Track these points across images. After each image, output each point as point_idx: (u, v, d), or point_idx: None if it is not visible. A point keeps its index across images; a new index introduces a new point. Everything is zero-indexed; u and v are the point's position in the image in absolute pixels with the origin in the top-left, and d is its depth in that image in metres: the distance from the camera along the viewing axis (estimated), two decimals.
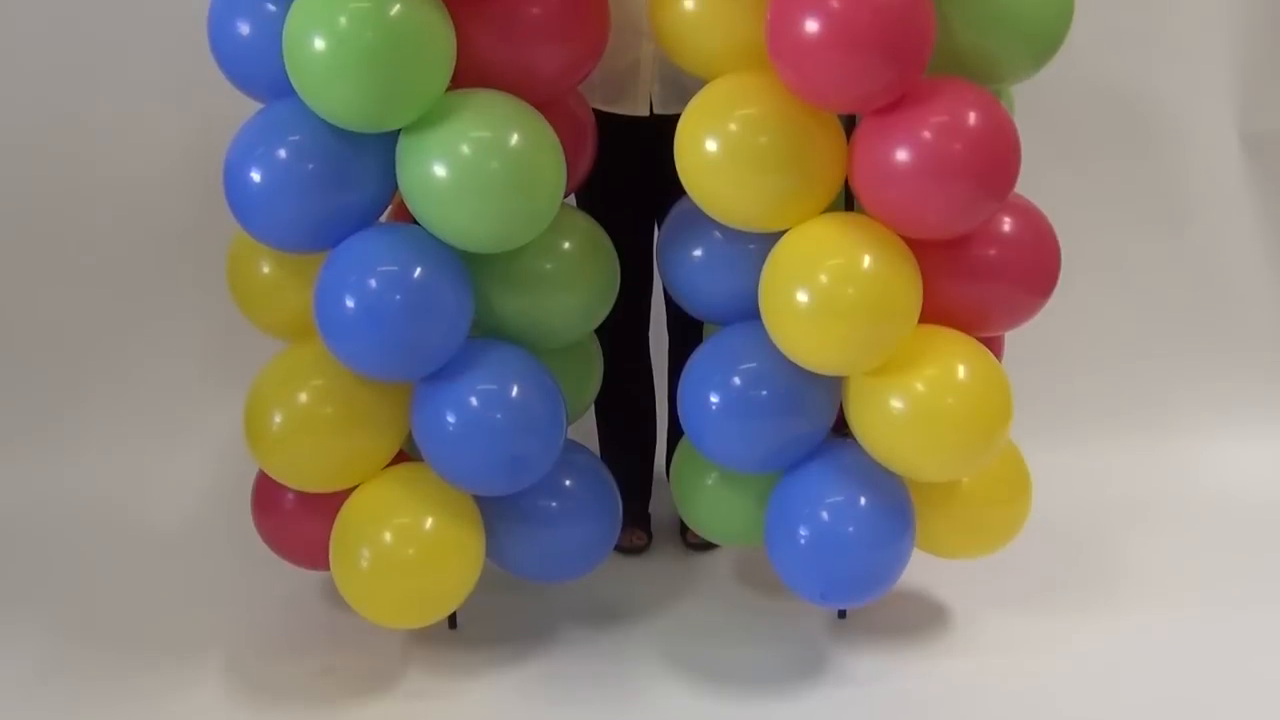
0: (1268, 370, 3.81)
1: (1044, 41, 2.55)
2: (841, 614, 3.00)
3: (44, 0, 3.60)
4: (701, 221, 2.63)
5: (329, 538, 2.72)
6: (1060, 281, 2.68)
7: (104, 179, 3.68)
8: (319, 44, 2.32)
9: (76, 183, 3.68)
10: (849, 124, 2.55)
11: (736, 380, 2.64)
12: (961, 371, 2.52)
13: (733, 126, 2.46)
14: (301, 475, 2.73)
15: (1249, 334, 3.85)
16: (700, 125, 2.49)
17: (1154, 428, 3.74)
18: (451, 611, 2.87)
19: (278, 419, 2.65)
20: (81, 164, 3.67)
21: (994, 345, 2.74)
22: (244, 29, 2.56)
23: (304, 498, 2.80)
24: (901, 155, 2.36)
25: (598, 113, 2.90)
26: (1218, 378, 3.80)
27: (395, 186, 2.55)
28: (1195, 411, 3.78)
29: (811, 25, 2.28)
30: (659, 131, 2.66)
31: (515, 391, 2.59)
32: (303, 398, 2.66)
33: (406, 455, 2.81)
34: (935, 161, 2.35)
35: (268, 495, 2.88)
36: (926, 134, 2.35)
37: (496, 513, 2.75)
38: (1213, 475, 3.60)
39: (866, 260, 2.43)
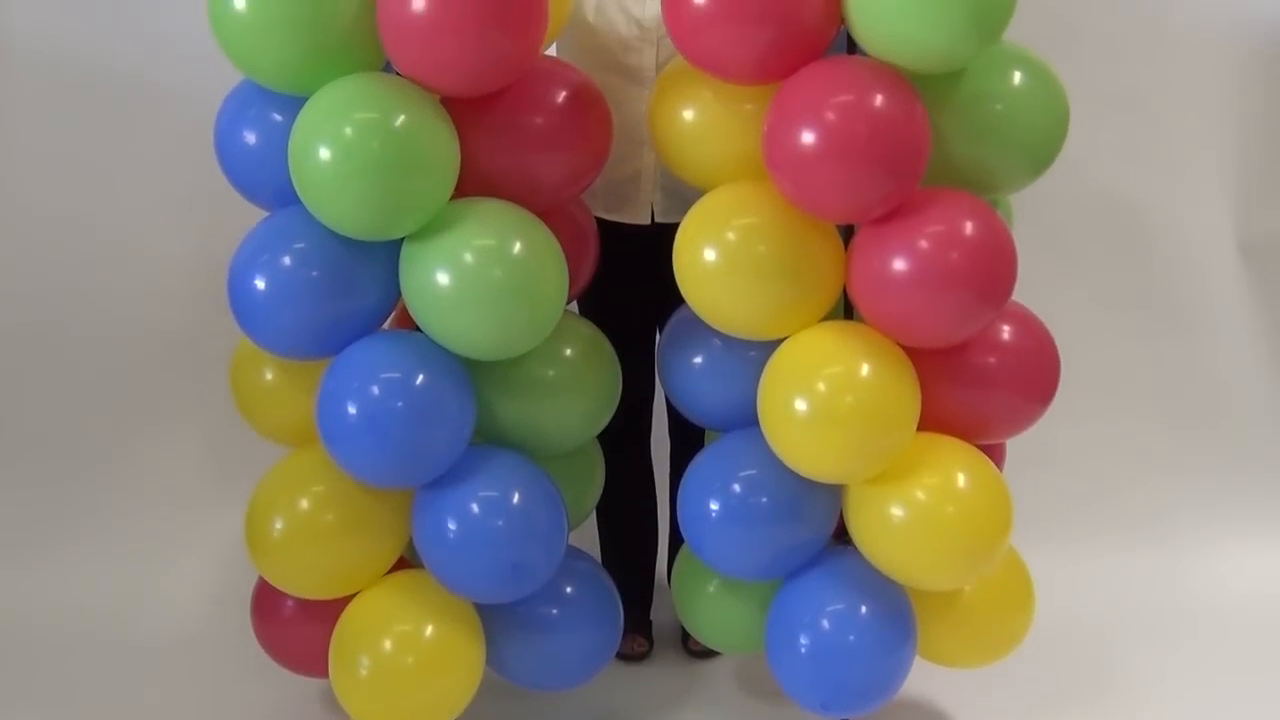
0: (1268, 477, 3.80)
1: (1040, 152, 2.56)
2: None
3: (52, 104, 3.65)
4: (701, 329, 2.64)
5: (329, 645, 2.71)
6: (1060, 389, 2.68)
7: (108, 283, 3.70)
8: (324, 153, 2.34)
9: (79, 286, 3.71)
10: (847, 233, 2.57)
11: (736, 487, 2.64)
12: (962, 480, 2.51)
13: (731, 236, 2.48)
14: (302, 582, 2.73)
15: (1248, 441, 3.84)
16: (699, 234, 2.51)
17: (1155, 535, 3.73)
18: None
19: (278, 526, 2.65)
20: (85, 267, 3.70)
21: (994, 453, 2.74)
22: (250, 138, 2.59)
23: (304, 605, 2.80)
24: (899, 264, 2.38)
25: (599, 220, 2.93)
26: (1218, 485, 3.79)
27: (398, 294, 2.57)
28: (1195, 518, 3.77)
29: (808, 137, 2.30)
30: (660, 240, 2.68)
31: (517, 498, 2.59)
32: (304, 504, 2.66)
33: (407, 561, 2.81)
34: (932, 271, 2.36)
35: (268, 602, 2.88)
36: (923, 243, 2.36)
37: (497, 620, 2.74)
38: (1214, 583, 3.58)
39: (865, 368, 2.44)
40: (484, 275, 2.44)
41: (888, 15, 2.30)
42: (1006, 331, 2.61)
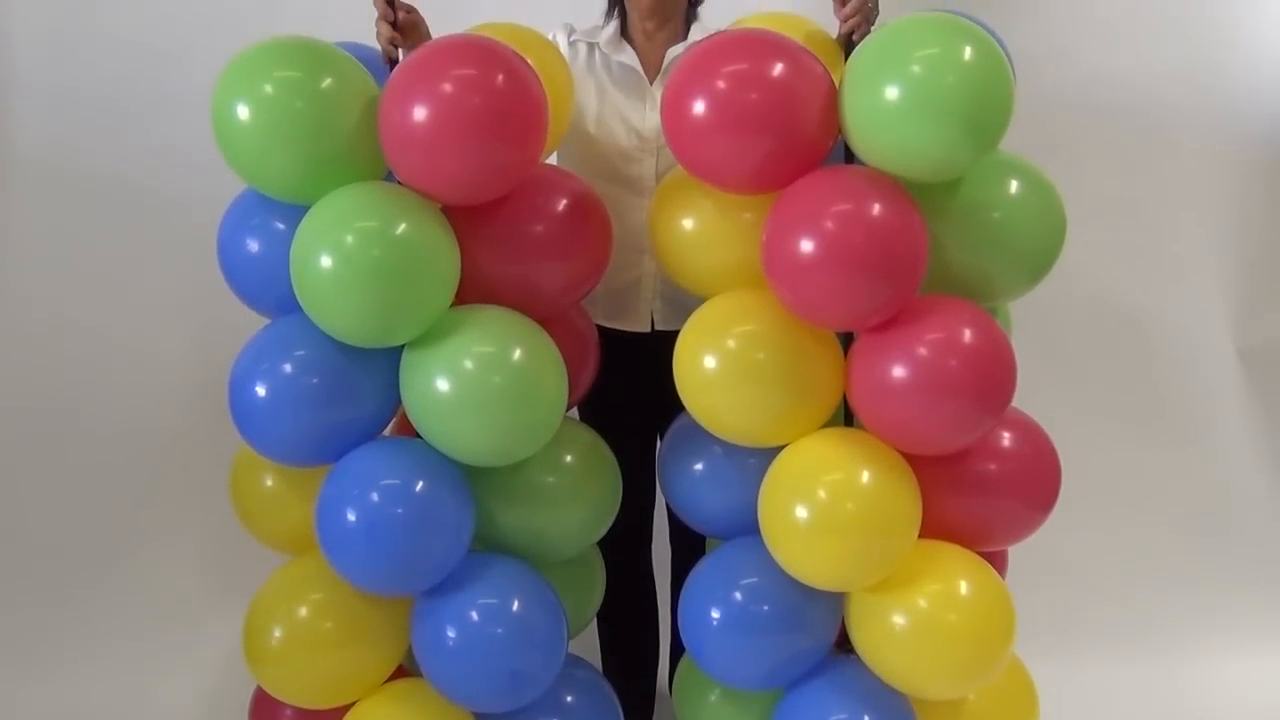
0: (1270, 587, 3.78)
1: (1037, 260, 2.58)
2: None
3: (57, 209, 3.69)
4: (702, 436, 2.65)
5: None
6: (1061, 496, 2.67)
7: (109, 390, 3.73)
8: (325, 261, 2.36)
9: (81, 393, 3.73)
10: (846, 340, 2.58)
11: (738, 595, 2.62)
12: (964, 587, 2.50)
13: (731, 343, 2.49)
14: (300, 691, 2.70)
15: (1250, 548, 3.84)
16: (699, 342, 2.52)
17: (1158, 644, 3.71)
18: None
19: (276, 634, 2.63)
20: (87, 374, 3.72)
21: (996, 560, 2.73)
22: (253, 245, 2.61)
23: (302, 714, 2.77)
24: (898, 372, 2.38)
25: (600, 327, 2.94)
26: (1220, 594, 3.78)
27: (398, 400, 2.57)
28: (1197, 628, 3.75)
29: (806, 245, 2.32)
30: (660, 347, 2.68)
31: (516, 606, 2.57)
32: (302, 612, 2.64)
33: (406, 670, 2.79)
34: (931, 378, 2.36)
35: (266, 711, 2.84)
36: (922, 351, 2.37)
37: None
38: (1217, 693, 3.55)
39: (865, 475, 2.43)
40: (484, 382, 2.44)
41: (884, 125, 2.33)
42: (1007, 439, 2.61)
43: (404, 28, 2.64)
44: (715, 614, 2.63)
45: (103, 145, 3.68)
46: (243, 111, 2.41)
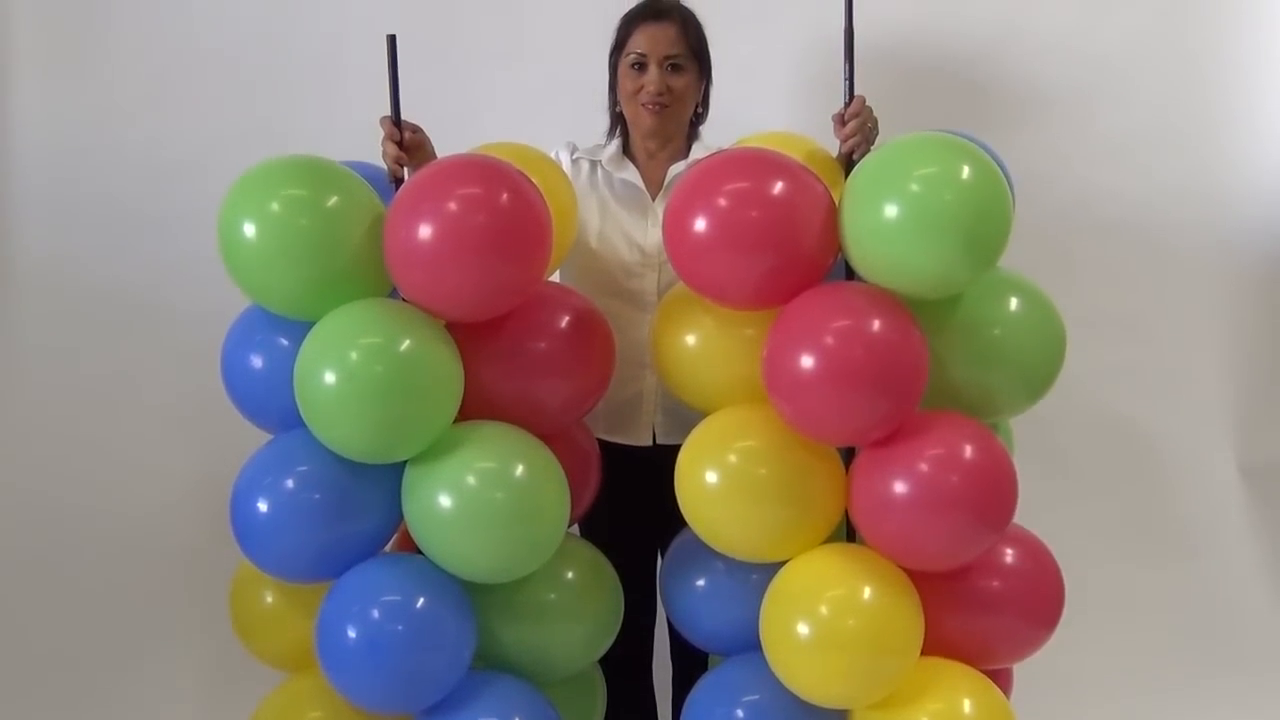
0: (1273, 701, 3.74)
1: (1037, 377, 2.59)
2: None
3: (60, 323, 3.71)
4: (703, 552, 2.64)
5: None
6: (1065, 613, 2.65)
7: (110, 505, 3.72)
8: (329, 377, 2.37)
9: (82, 509, 3.72)
10: (848, 455, 2.58)
11: (740, 713, 2.61)
12: (967, 705, 2.47)
13: (732, 458, 2.50)
14: None
15: (1254, 665, 3.80)
16: (700, 457, 2.53)
17: None
18: None
19: None
20: (89, 490, 3.72)
21: (1001, 678, 2.70)
22: (256, 361, 2.62)
23: None
24: (899, 488, 2.38)
25: (601, 442, 2.95)
26: (1223, 708, 3.73)
27: (400, 516, 2.57)
28: None
29: (806, 361, 2.34)
30: (662, 462, 2.68)
31: None
32: None
33: None
34: (932, 494, 2.37)
35: None
36: (923, 466, 2.37)
37: None
38: None
39: (867, 592, 2.42)
40: (486, 498, 2.45)
41: (884, 242, 2.35)
42: (1010, 555, 2.60)
43: (410, 147, 2.68)
44: None
45: (107, 257, 3.70)
46: (249, 228, 2.43)
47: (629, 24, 2.95)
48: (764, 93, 3.49)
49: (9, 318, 3.71)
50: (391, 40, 2.64)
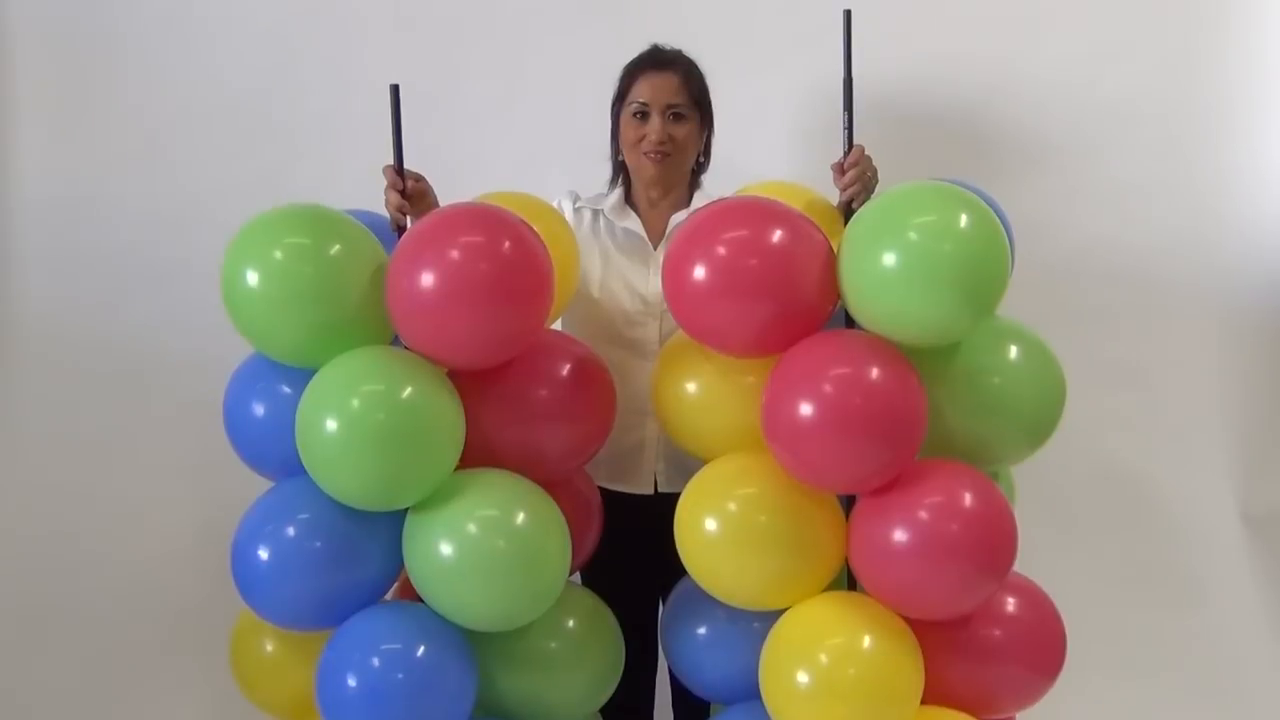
0: None
1: (1037, 425, 2.59)
2: None
3: (60, 374, 3.71)
4: (704, 600, 2.63)
5: None
6: (1066, 662, 2.65)
7: (109, 554, 3.70)
8: (330, 425, 2.37)
9: (82, 559, 3.71)
10: (848, 503, 2.58)
11: None
12: None
13: (732, 506, 2.50)
14: None
15: (1258, 714, 3.77)
16: (700, 505, 2.53)
17: None
18: None
19: None
20: (90, 539, 3.71)
21: None
22: (258, 409, 2.63)
23: None
24: (899, 536, 2.38)
25: (602, 490, 2.95)
26: None
27: (401, 564, 2.57)
28: None
29: (805, 409, 2.34)
30: (663, 510, 2.68)
31: None
32: None
33: None
34: (932, 542, 2.36)
35: None
36: (923, 514, 2.37)
37: None
38: None
39: (867, 640, 2.42)
40: (487, 546, 2.45)
41: (882, 291, 2.36)
42: (1010, 604, 2.60)
43: (412, 195, 2.70)
44: None
45: (108, 309, 3.71)
46: (252, 276, 2.45)
47: (631, 73, 2.98)
48: (764, 142, 3.50)
49: (10, 368, 3.71)
50: (395, 90, 2.66)
